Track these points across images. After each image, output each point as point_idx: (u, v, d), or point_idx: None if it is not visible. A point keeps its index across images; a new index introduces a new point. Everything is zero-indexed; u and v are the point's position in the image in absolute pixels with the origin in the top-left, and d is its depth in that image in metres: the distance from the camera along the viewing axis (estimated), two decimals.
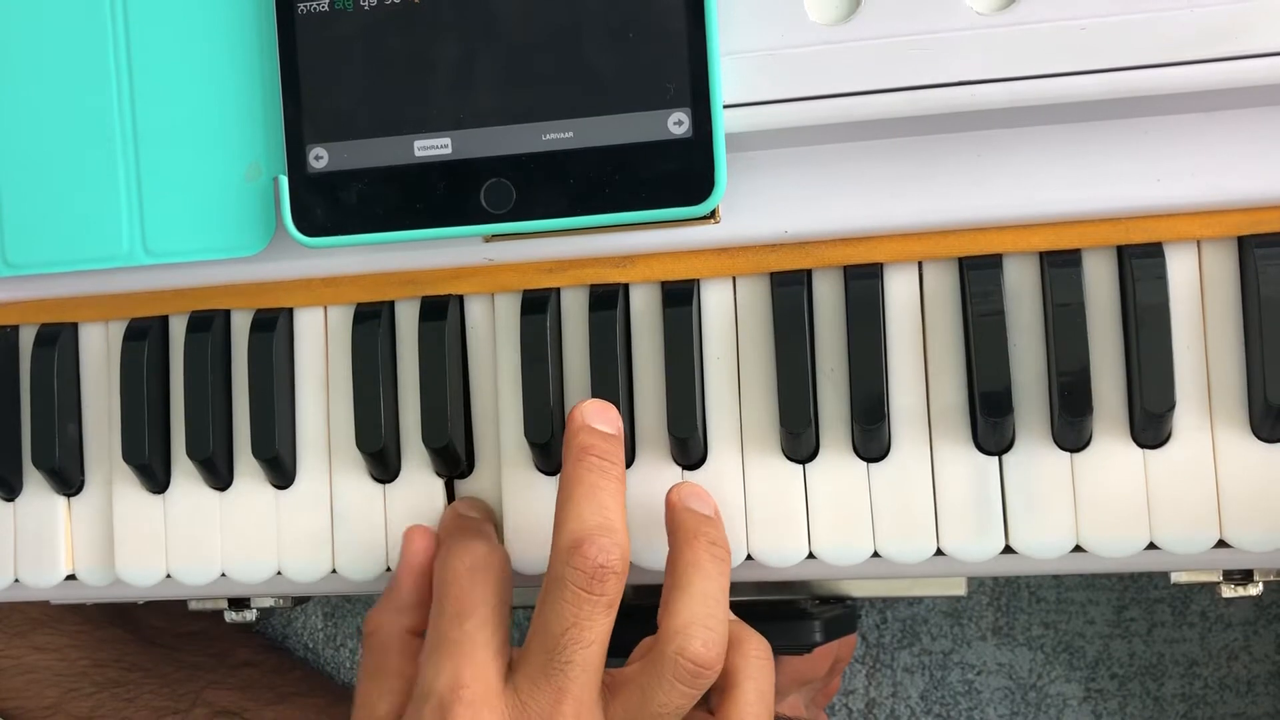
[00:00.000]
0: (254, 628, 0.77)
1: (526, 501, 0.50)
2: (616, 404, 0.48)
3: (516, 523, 0.50)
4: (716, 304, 0.49)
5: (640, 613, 0.48)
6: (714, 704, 0.46)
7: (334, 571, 0.51)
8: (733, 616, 0.47)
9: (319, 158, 0.47)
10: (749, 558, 0.48)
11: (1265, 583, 0.47)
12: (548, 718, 0.43)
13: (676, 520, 0.46)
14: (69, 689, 0.65)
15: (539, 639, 0.44)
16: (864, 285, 0.47)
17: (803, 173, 0.47)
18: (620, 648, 0.46)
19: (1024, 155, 0.46)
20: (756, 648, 0.46)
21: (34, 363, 0.53)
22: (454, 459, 0.50)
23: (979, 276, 0.46)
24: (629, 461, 0.49)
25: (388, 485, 0.51)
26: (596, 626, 0.43)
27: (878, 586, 0.63)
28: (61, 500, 0.54)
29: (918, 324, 0.47)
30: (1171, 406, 0.44)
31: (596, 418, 0.46)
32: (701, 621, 0.44)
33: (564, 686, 0.43)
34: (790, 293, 0.47)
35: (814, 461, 0.48)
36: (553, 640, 0.43)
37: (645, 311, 0.49)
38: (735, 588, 0.60)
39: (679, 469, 0.49)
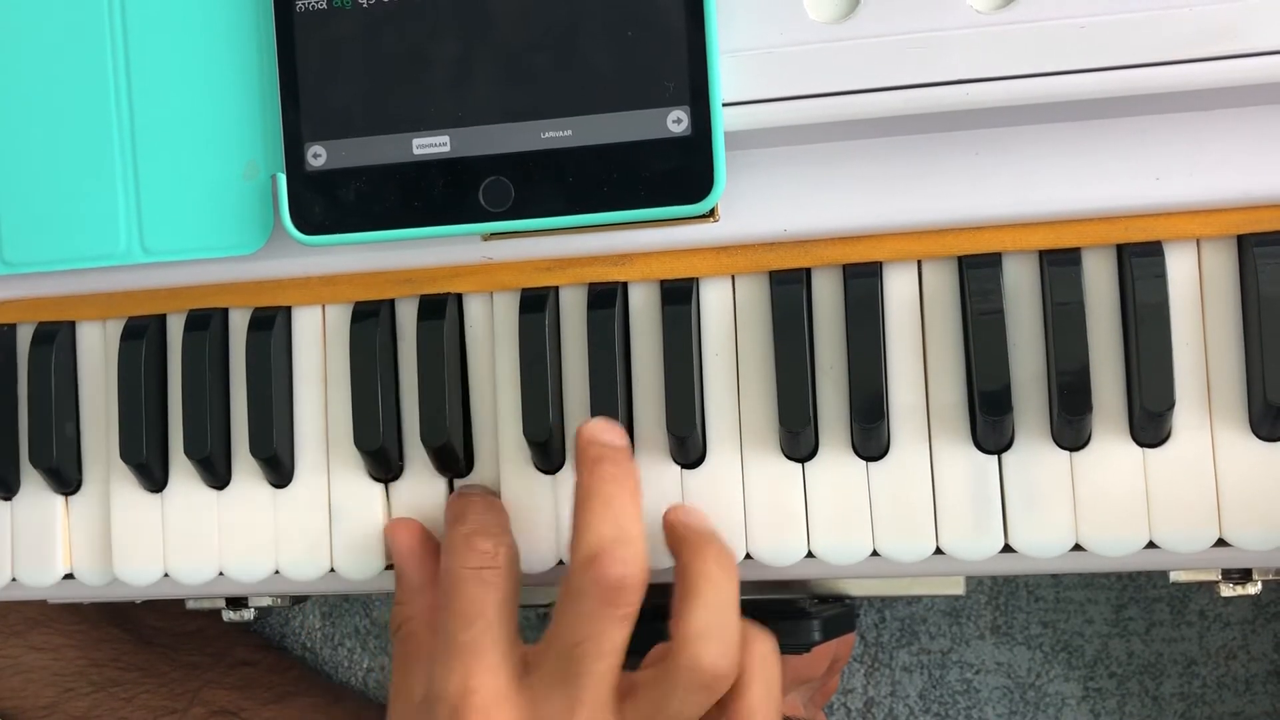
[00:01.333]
0: (252, 627, 0.77)
1: (525, 500, 0.49)
2: (615, 402, 0.48)
3: (515, 521, 0.49)
4: (715, 303, 0.48)
5: (646, 611, 0.47)
6: (724, 702, 0.46)
7: (332, 570, 0.51)
8: (744, 623, 0.47)
9: (317, 156, 0.47)
10: (748, 556, 0.48)
11: (1264, 582, 0.47)
12: None
13: (679, 535, 0.46)
14: (66, 688, 0.65)
15: (555, 646, 0.44)
16: (863, 284, 0.47)
17: (802, 171, 0.47)
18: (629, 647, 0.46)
19: (1023, 154, 0.46)
20: (764, 646, 0.46)
21: (31, 362, 0.53)
22: (452, 457, 0.50)
23: (978, 275, 0.46)
24: None
25: (386, 484, 0.51)
26: (614, 638, 0.43)
27: (876, 585, 0.63)
28: (59, 499, 0.54)
29: (917, 323, 0.47)
30: (1171, 405, 0.44)
31: (604, 432, 0.47)
32: (715, 632, 0.44)
33: (578, 696, 0.43)
34: (789, 291, 0.47)
35: (813, 460, 0.48)
36: (569, 649, 0.43)
37: (644, 310, 0.49)
38: None
39: (678, 468, 0.49)
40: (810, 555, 0.48)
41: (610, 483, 0.45)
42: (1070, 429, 0.45)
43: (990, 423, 0.45)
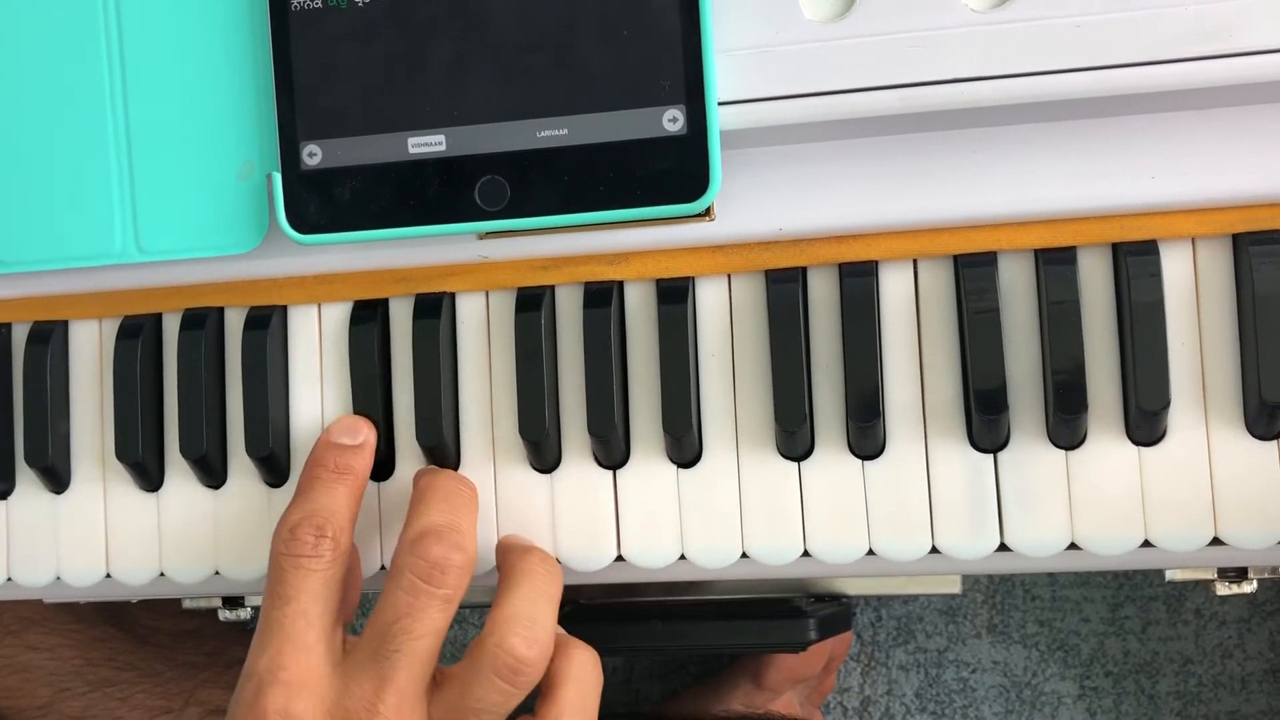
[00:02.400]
0: (248, 626, 0.77)
1: (520, 499, 0.49)
2: (611, 402, 0.48)
3: (510, 520, 0.50)
4: (711, 301, 0.49)
5: (617, 611, 0.47)
6: (536, 706, 0.46)
7: None
8: (564, 633, 0.47)
9: (313, 155, 0.47)
10: (744, 555, 0.48)
11: (1260, 580, 0.47)
12: (368, 705, 0.43)
13: (508, 544, 0.48)
14: (62, 688, 0.65)
15: (372, 626, 0.45)
16: (859, 283, 0.47)
17: (797, 170, 0.47)
18: (610, 648, 0.46)
19: (1019, 153, 0.46)
20: (583, 652, 0.47)
21: (27, 361, 0.53)
22: (446, 457, 0.50)
23: (974, 274, 0.46)
24: (624, 459, 0.49)
25: (379, 483, 0.51)
26: (429, 619, 0.44)
27: (873, 584, 0.63)
28: (54, 498, 0.53)
29: (913, 322, 0.47)
30: (1166, 404, 0.44)
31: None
32: (525, 618, 0.44)
33: (388, 675, 0.43)
34: (785, 290, 0.47)
35: (809, 459, 0.48)
36: (384, 628, 0.44)
37: (640, 309, 0.49)
38: (731, 586, 0.60)
39: (674, 467, 0.49)
40: (806, 554, 0.48)
41: (454, 481, 0.47)
42: (1066, 428, 0.45)
43: (986, 421, 0.46)
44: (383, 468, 0.51)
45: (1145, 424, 0.45)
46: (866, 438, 0.47)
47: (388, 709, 0.43)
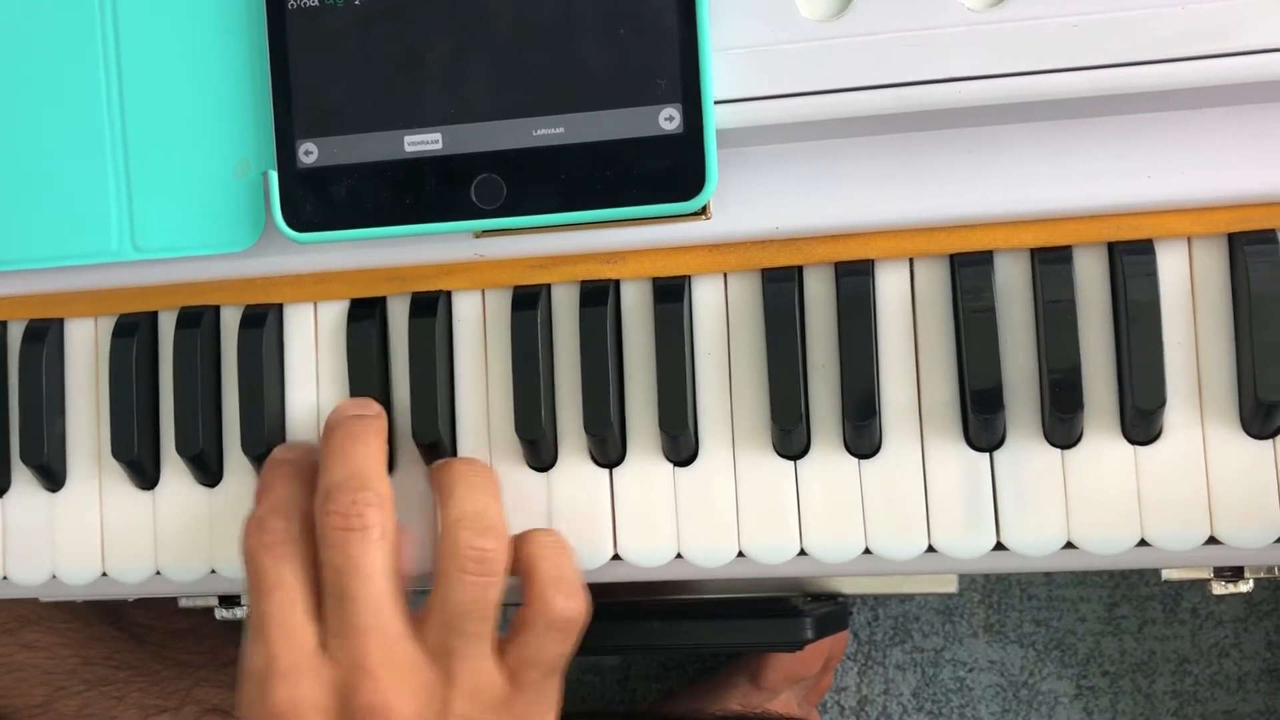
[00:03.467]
0: (244, 625, 0.76)
1: (516, 498, 0.49)
2: (607, 400, 0.48)
3: (508, 518, 0.49)
4: (708, 300, 0.48)
5: (621, 609, 0.47)
6: (523, 597, 0.46)
7: None
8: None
9: (309, 153, 0.47)
10: (740, 554, 0.48)
11: (1256, 580, 0.47)
12: (358, 660, 0.44)
13: (431, 468, 0.49)
14: (58, 687, 0.65)
15: (326, 592, 0.45)
16: (855, 282, 0.47)
17: (794, 169, 0.47)
18: (606, 648, 0.46)
19: (1015, 152, 0.46)
20: (545, 533, 0.47)
21: (22, 359, 0.53)
22: (442, 455, 0.50)
23: (970, 273, 0.46)
24: (620, 458, 0.49)
25: None
26: (370, 558, 0.44)
27: (869, 584, 0.63)
28: (50, 497, 0.53)
29: (909, 320, 0.47)
30: (1162, 403, 0.44)
31: (351, 408, 0.49)
32: (470, 513, 0.45)
33: (360, 624, 0.44)
34: (781, 289, 0.47)
35: (805, 458, 0.48)
36: (335, 586, 0.44)
37: (636, 308, 0.49)
38: (728, 585, 0.60)
39: (671, 466, 0.49)
40: (803, 553, 0.48)
41: (349, 439, 0.47)
42: (1062, 427, 0.45)
43: (982, 420, 0.46)
44: None
45: (1141, 423, 0.45)
46: (863, 437, 0.47)
47: (374, 660, 0.43)
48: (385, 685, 0.43)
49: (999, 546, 0.47)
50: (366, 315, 0.50)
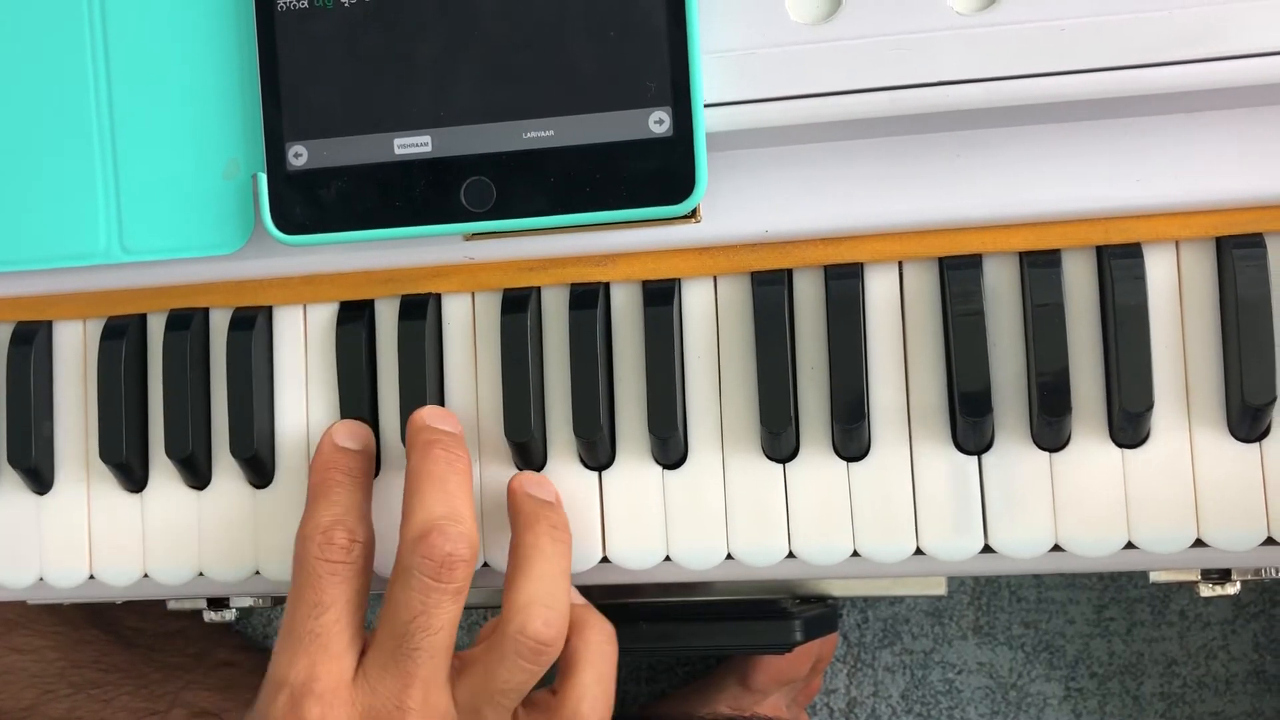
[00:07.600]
0: (233, 627, 0.76)
1: (506, 501, 0.49)
2: (596, 403, 0.48)
3: (495, 522, 0.49)
4: (697, 303, 0.49)
5: (620, 610, 0.47)
6: (556, 685, 0.47)
7: None
8: (580, 600, 0.48)
9: (298, 155, 0.47)
10: (729, 557, 0.48)
11: (1243, 582, 0.47)
12: (397, 703, 0.44)
13: (517, 506, 0.47)
14: (45, 690, 0.65)
15: (387, 627, 0.45)
16: (844, 285, 0.47)
17: (783, 172, 0.47)
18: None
19: (1004, 155, 0.46)
20: (599, 632, 0.47)
21: (10, 361, 0.52)
22: None
23: (959, 276, 0.46)
24: (610, 461, 0.49)
25: None
26: (444, 614, 0.44)
27: (858, 586, 0.63)
28: (37, 499, 0.53)
29: (898, 324, 0.47)
30: (1150, 406, 0.44)
31: (438, 419, 0.48)
32: (542, 600, 0.45)
33: (411, 672, 0.44)
34: (771, 292, 0.47)
35: (794, 461, 0.48)
36: (401, 628, 0.44)
37: (626, 310, 0.49)
38: (717, 587, 0.60)
39: (660, 468, 0.49)
40: (791, 555, 0.48)
41: (441, 464, 0.46)
42: (1050, 430, 0.45)
43: (970, 423, 0.46)
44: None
45: (1129, 426, 0.45)
46: (851, 439, 0.47)
47: (415, 703, 0.44)
48: None
49: (987, 549, 0.47)
50: (356, 318, 0.50)
